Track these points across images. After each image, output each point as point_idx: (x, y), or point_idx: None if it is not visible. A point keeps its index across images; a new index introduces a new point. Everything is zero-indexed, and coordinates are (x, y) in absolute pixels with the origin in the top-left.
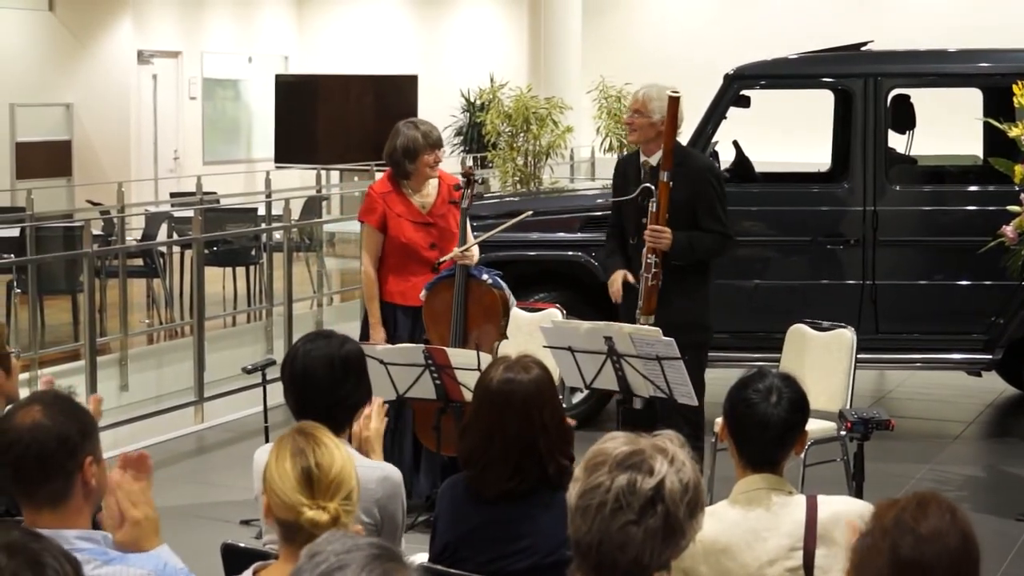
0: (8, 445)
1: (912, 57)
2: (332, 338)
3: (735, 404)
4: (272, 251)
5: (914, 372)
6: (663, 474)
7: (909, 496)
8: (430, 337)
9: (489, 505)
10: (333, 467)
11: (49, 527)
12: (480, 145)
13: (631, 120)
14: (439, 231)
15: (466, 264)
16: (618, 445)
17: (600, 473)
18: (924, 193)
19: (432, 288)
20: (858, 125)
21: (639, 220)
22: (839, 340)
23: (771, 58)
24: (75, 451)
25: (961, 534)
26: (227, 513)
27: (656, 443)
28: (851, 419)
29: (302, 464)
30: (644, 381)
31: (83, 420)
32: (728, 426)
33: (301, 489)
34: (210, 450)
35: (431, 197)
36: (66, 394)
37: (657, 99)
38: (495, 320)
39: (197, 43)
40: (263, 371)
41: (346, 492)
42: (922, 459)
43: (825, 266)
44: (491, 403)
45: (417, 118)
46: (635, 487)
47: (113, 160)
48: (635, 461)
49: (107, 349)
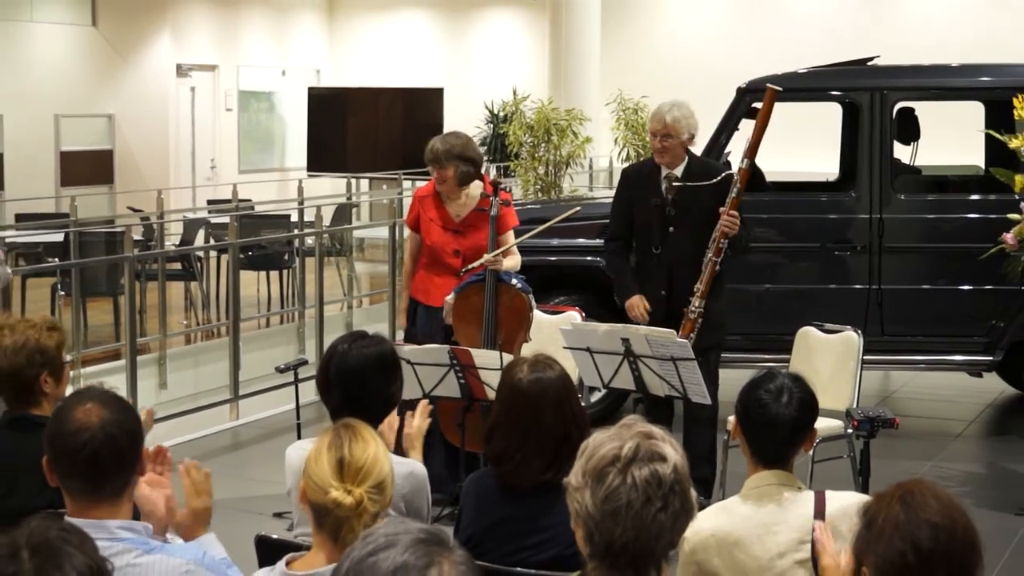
0: (84, 443)
1: (917, 72)
2: (373, 338)
3: (748, 404)
4: (304, 256)
5: (918, 373)
6: (673, 456)
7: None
8: (458, 336)
9: (516, 499)
10: (364, 456)
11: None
12: (503, 155)
13: (662, 146)
14: (466, 240)
15: (496, 269)
16: (612, 445)
17: (612, 475)
18: (928, 202)
19: (462, 291)
20: (865, 136)
21: (665, 228)
22: (846, 342)
23: (782, 72)
24: (138, 444)
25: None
26: (260, 506)
27: (641, 430)
28: (858, 418)
29: (337, 451)
30: (659, 381)
31: (135, 414)
32: (740, 425)
33: (333, 473)
34: (244, 446)
35: (467, 208)
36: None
37: (683, 119)
38: (524, 322)
39: (233, 57)
40: (295, 370)
41: (375, 482)
42: (925, 456)
43: (833, 271)
44: (523, 401)
45: (449, 132)
46: (659, 476)
47: (153, 168)
48: (645, 453)
49: (147, 349)
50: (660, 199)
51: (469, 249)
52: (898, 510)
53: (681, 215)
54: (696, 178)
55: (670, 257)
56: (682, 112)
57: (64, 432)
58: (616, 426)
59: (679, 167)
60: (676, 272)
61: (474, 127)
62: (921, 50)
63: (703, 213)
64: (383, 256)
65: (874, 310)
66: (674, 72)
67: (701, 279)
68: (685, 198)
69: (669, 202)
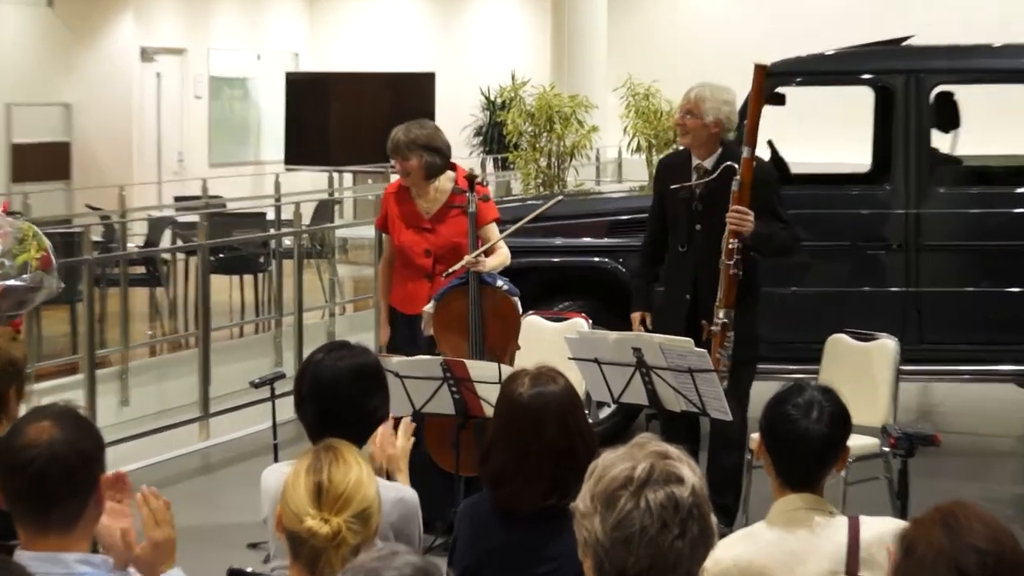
0: (28, 461)
1: (957, 52)
2: (353, 348)
3: (774, 420)
4: (281, 258)
5: (961, 384)
6: (691, 478)
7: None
8: (441, 348)
9: (516, 525)
10: (345, 481)
11: (52, 550)
12: (501, 146)
13: (683, 121)
14: (438, 238)
15: (479, 271)
16: (624, 466)
17: (624, 499)
18: (970, 195)
19: (443, 297)
20: (900, 124)
21: (691, 226)
22: (881, 351)
23: (808, 54)
24: (93, 467)
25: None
26: (233, 536)
27: (655, 449)
28: (895, 435)
29: (315, 476)
30: (675, 395)
31: (95, 435)
32: (766, 444)
33: (310, 499)
34: (215, 469)
35: (437, 203)
36: (73, 407)
37: (711, 99)
38: (512, 328)
39: (203, 39)
40: (272, 385)
41: (357, 510)
42: (970, 477)
43: (866, 273)
44: (523, 417)
45: (413, 121)
46: (676, 500)
47: (114, 162)
48: (660, 474)
49: (107, 362)
50: (688, 192)
51: (441, 248)
52: (940, 536)
53: (708, 211)
54: (728, 172)
55: (696, 257)
56: (712, 92)
57: (13, 448)
58: (627, 445)
59: (710, 158)
60: (701, 274)
61: (469, 115)
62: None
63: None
64: (368, 258)
65: (912, 315)
66: (689, 54)
67: (720, 288)
68: (713, 193)
69: (696, 196)
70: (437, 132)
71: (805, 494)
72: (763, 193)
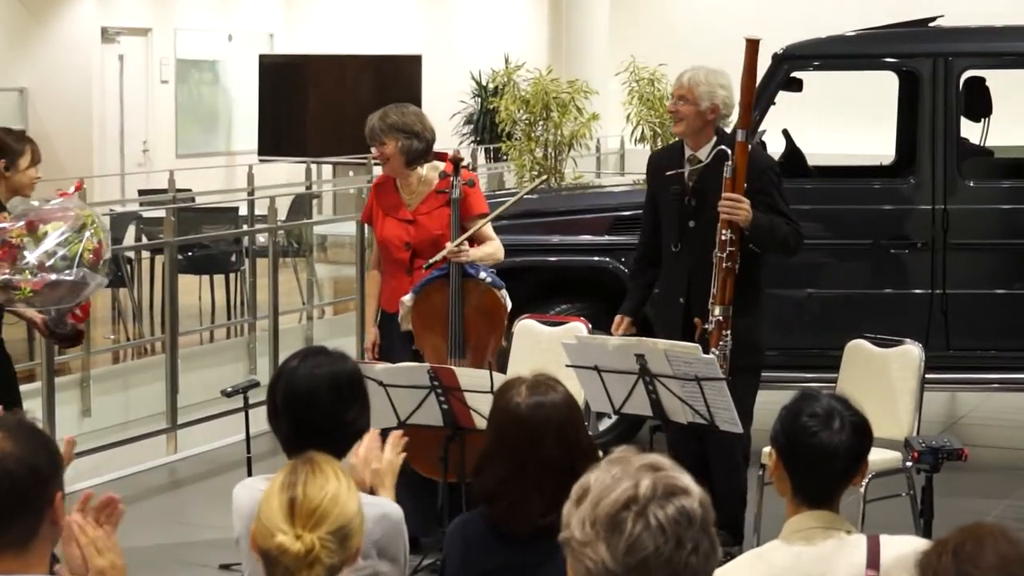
0: None
1: (988, 34)
2: (331, 355)
3: (793, 433)
4: (255, 257)
5: (991, 394)
6: (695, 488)
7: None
8: (420, 347)
9: (511, 545)
10: (320, 495)
11: (6, 573)
12: (493, 135)
13: (675, 108)
14: (419, 230)
15: (461, 262)
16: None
17: (630, 521)
18: (1002, 189)
19: (421, 291)
20: (926, 112)
21: (683, 222)
22: (905, 358)
23: (826, 36)
24: (47, 484)
25: None
26: (204, 556)
27: (644, 463)
28: (919, 448)
29: (289, 491)
30: (681, 405)
31: (51, 449)
32: (782, 458)
33: (283, 515)
34: (185, 484)
35: (421, 192)
36: (28, 419)
37: (705, 83)
38: (497, 324)
39: (169, 19)
40: (245, 394)
41: (333, 527)
42: (1000, 494)
43: (888, 273)
44: (521, 429)
45: (397, 104)
46: (687, 513)
47: (73, 152)
48: (664, 489)
49: (66, 369)
50: (680, 186)
51: (422, 242)
52: (949, 565)
53: (701, 206)
54: (720, 158)
55: (690, 257)
56: (707, 76)
57: None
58: (610, 463)
59: (704, 148)
60: (695, 275)
61: (458, 101)
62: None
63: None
64: (349, 257)
65: (938, 319)
66: (697, 36)
67: (714, 283)
68: (707, 186)
69: (689, 190)
70: (419, 116)
71: (821, 511)
72: (763, 184)
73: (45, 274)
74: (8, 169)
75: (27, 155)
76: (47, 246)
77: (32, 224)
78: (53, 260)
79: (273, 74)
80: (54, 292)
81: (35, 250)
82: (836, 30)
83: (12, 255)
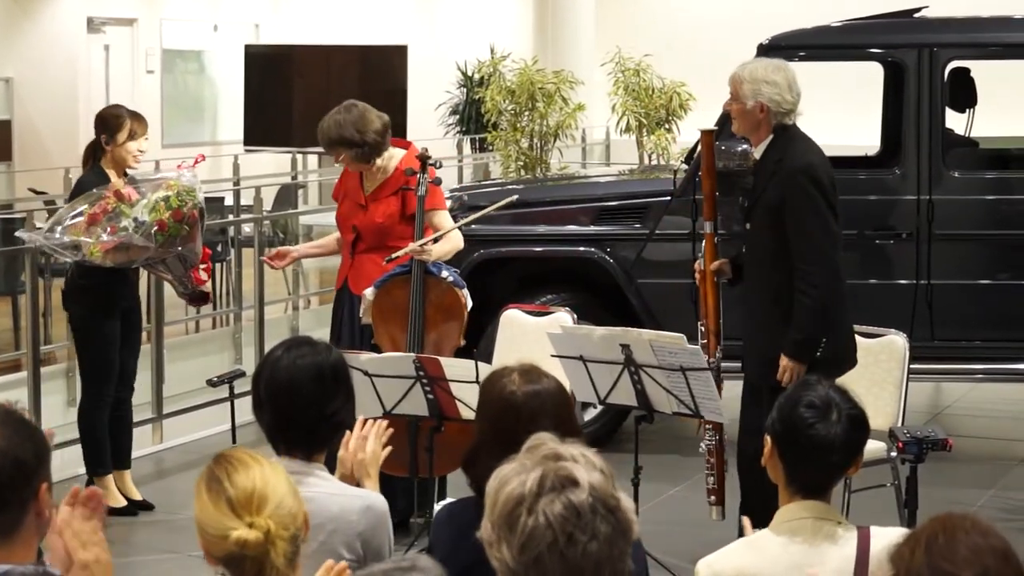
0: None
1: (972, 25)
2: (315, 345)
3: (790, 423)
4: (241, 247)
5: (975, 385)
6: (586, 477)
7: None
8: (378, 338)
9: None
10: (250, 483)
11: None
12: (479, 126)
13: (729, 106)
14: (366, 215)
15: (423, 260)
16: (516, 481)
17: (522, 518)
18: (987, 180)
19: (383, 285)
20: (911, 103)
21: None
22: (889, 348)
23: (811, 26)
24: (31, 476)
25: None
26: (190, 547)
27: (546, 453)
28: (903, 438)
29: (219, 490)
30: (667, 395)
31: (37, 440)
32: (779, 448)
33: (227, 514)
34: (170, 474)
35: (377, 181)
36: (14, 410)
37: (749, 80)
38: (457, 322)
39: (155, 9)
40: (231, 384)
41: (275, 504)
42: (984, 484)
43: (873, 264)
44: (517, 416)
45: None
46: (574, 506)
47: (59, 142)
48: (553, 482)
49: (52, 359)
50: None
51: (366, 228)
52: (920, 557)
53: (752, 208)
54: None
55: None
56: (752, 72)
57: None
58: (521, 452)
59: (760, 146)
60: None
61: (444, 92)
62: None
63: (764, 208)
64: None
65: (922, 309)
66: (684, 26)
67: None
68: (756, 187)
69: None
70: (357, 122)
71: (813, 502)
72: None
73: (111, 237)
74: (107, 143)
75: (124, 130)
76: (136, 212)
77: (120, 194)
78: (126, 220)
79: (259, 64)
80: (120, 254)
81: (127, 218)
82: (821, 21)
83: (96, 219)
